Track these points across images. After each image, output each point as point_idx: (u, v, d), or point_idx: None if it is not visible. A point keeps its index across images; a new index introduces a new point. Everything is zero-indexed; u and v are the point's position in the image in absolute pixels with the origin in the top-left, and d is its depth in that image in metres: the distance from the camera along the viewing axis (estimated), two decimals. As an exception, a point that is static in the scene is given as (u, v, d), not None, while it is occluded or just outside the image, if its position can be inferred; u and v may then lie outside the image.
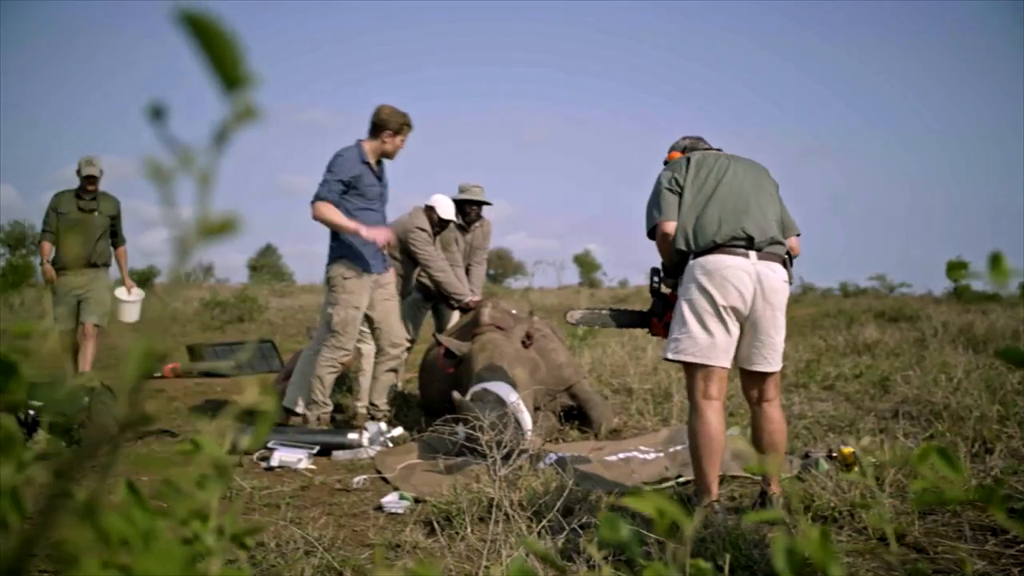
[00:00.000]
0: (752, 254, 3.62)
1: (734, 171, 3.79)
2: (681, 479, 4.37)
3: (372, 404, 5.98)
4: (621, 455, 4.93)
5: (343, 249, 5.70)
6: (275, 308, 17.04)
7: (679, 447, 4.98)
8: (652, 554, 2.98)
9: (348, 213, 5.66)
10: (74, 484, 0.62)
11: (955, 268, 1.02)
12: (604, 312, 4.59)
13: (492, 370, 5.19)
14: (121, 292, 7.81)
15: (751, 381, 3.78)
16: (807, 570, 0.66)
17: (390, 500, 4.02)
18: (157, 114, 0.54)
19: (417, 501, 4.05)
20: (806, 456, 4.59)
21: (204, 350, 9.56)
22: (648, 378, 7.39)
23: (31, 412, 4.82)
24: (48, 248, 7.50)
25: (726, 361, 3.63)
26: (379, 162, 5.90)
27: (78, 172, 7.41)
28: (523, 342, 5.59)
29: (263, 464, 4.85)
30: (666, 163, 4.21)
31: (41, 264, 7.48)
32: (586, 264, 42.60)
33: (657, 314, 4.20)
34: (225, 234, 0.55)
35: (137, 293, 7.88)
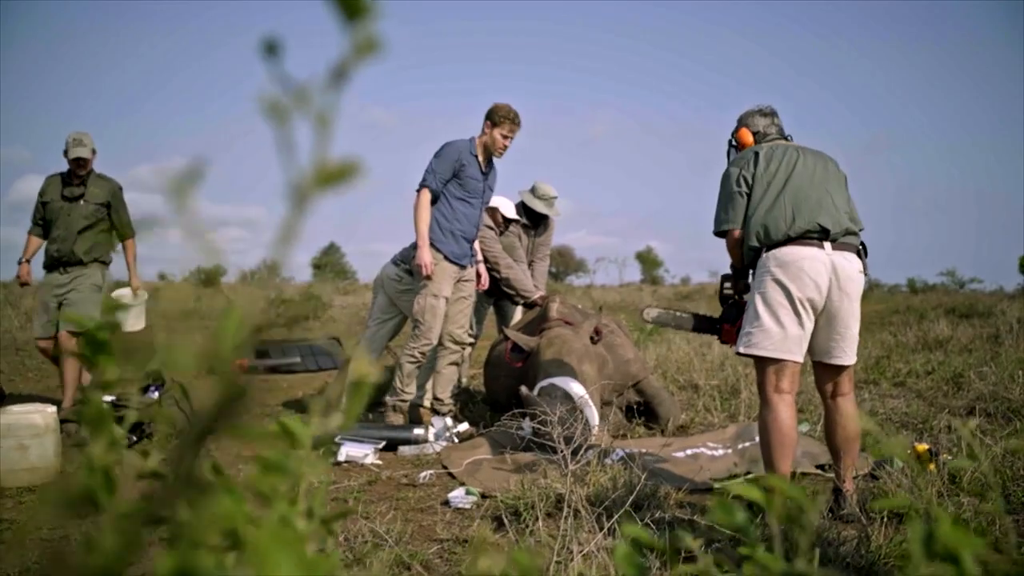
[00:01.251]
0: (827, 244, 3.55)
1: (803, 162, 3.72)
2: (750, 475, 4.30)
3: (436, 398, 5.99)
4: (689, 451, 4.88)
5: (432, 234, 5.72)
6: (339, 306, 17.21)
7: (747, 443, 4.93)
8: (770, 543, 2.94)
9: (447, 201, 5.74)
10: (197, 468, 0.59)
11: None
12: (682, 315, 4.52)
13: (560, 365, 5.16)
14: (122, 293, 6.43)
15: (826, 375, 3.71)
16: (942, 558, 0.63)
17: (457, 495, 4.02)
18: (271, 49, 0.51)
19: (484, 496, 4.05)
20: (880, 453, 4.49)
21: (270, 347, 9.67)
22: (715, 374, 7.33)
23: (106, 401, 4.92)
24: (35, 243, 6.35)
25: (799, 355, 3.56)
26: (489, 161, 5.94)
27: (65, 153, 6.17)
28: (591, 338, 5.54)
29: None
30: (732, 140, 4.14)
31: (19, 261, 6.32)
32: (648, 261, 42.33)
33: (729, 320, 4.14)
34: (345, 180, 0.51)
35: (142, 296, 6.30)
